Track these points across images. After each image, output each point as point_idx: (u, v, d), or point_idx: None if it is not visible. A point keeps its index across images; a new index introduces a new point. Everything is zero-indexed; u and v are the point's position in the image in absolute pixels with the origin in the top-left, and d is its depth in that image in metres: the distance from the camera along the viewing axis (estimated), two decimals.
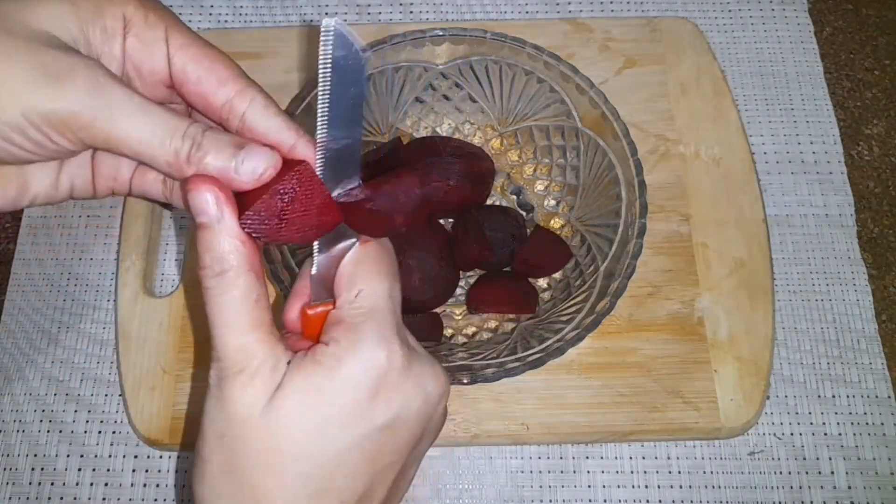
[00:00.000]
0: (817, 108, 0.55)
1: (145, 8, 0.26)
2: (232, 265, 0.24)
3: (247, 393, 0.24)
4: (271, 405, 0.24)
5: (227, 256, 0.24)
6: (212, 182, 0.24)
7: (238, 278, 0.24)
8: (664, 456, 0.46)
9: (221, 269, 0.24)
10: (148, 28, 0.26)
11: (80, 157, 0.28)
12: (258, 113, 0.26)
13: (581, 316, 0.40)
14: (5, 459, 0.46)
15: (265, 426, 0.24)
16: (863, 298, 0.49)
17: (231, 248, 0.24)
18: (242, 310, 0.25)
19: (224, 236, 0.24)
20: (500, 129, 0.50)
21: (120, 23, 0.26)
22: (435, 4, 0.59)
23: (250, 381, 0.24)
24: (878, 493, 0.45)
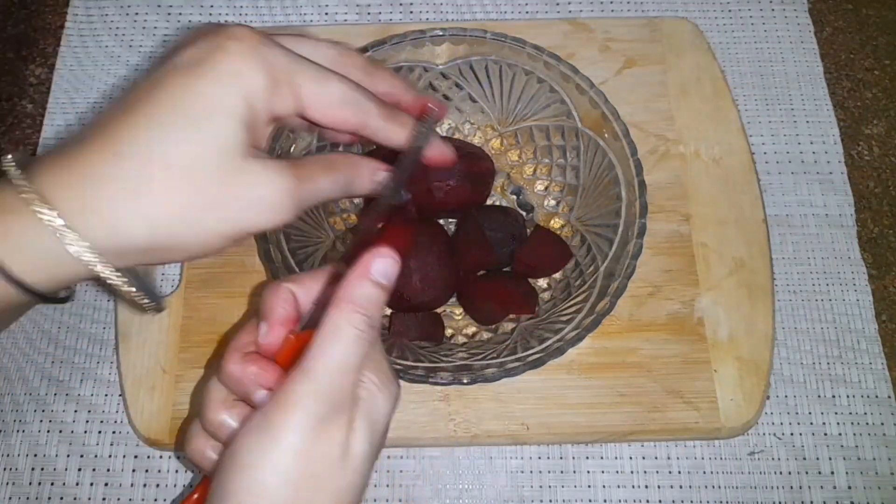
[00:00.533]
0: (817, 108, 0.55)
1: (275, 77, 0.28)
2: (378, 323, 0.28)
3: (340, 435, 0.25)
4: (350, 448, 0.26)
5: (380, 313, 0.28)
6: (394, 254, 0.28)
7: (375, 334, 0.27)
8: (664, 456, 0.46)
9: (373, 321, 0.27)
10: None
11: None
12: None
13: (581, 316, 0.40)
14: (5, 459, 0.46)
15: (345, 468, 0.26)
16: (863, 298, 0.49)
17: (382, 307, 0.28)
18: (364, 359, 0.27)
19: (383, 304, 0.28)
20: (500, 129, 0.50)
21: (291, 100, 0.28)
22: (435, 4, 0.59)
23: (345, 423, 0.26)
24: (878, 493, 0.45)
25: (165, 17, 0.59)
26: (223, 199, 0.25)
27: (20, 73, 0.58)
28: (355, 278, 0.27)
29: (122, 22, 0.59)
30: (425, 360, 0.41)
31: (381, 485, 0.45)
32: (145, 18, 0.59)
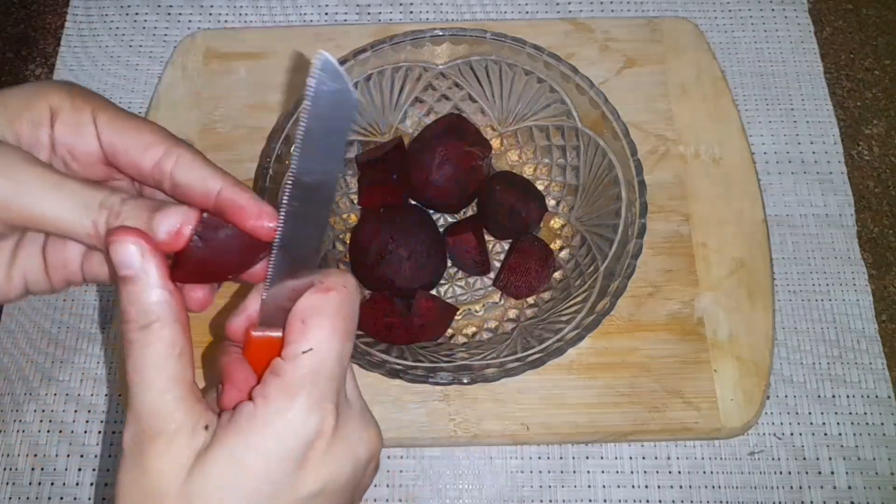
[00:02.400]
0: (817, 108, 0.55)
1: (71, 95, 0.27)
2: (159, 316, 0.24)
3: (164, 460, 0.23)
4: (190, 476, 0.23)
5: (153, 308, 0.24)
6: (136, 233, 0.24)
7: (163, 329, 0.24)
8: (664, 456, 0.46)
9: (148, 322, 0.24)
10: (75, 112, 0.27)
11: (31, 248, 0.29)
12: (184, 168, 0.27)
13: (581, 316, 0.40)
14: (5, 459, 0.46)
15: (183, 499, 0.23)
16: (863, 298, 0.49)
17: (158, 298, 0.24)
18: (165, 364, 0.24)
19: (151, 287, 0.24)
20: (500, 129, 0.50)
21: (46, 112, 0.27)
22: (435, 4, 0.59)
23: (167, 447, 0.23)
24: (878, 493, 0.45)
25: (165, 17, 0.59)
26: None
27: (20, 73, 0.58)
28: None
29: (122, 22, 0.59)
30: (425, 360, 0.41)
31: (381, 485, 0.45)
32: (145, 18, 0.59)
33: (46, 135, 0.27)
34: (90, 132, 0.27)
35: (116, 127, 0.27)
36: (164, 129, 0.28)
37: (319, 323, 0.25)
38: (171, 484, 0.23)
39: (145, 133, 0.27)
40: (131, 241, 0.24)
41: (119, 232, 0.24)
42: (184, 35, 0.57)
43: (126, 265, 0.24)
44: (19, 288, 0.28)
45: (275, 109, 0.52)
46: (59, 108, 0.27)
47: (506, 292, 0.46)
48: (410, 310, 0.43)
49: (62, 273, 0.29)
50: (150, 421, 0.23)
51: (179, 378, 0.24)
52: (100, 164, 0.28)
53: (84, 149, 0.27)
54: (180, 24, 0.59)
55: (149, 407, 0.23)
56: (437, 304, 0.43)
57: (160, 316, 0.24)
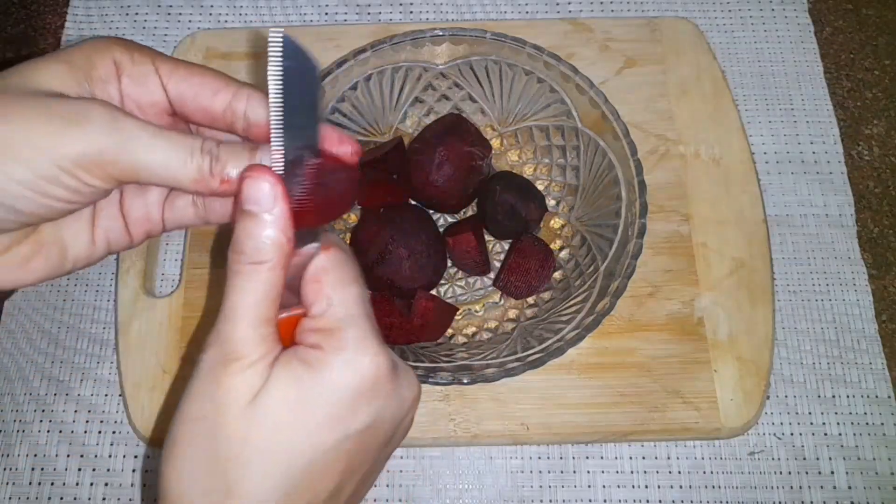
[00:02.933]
0: (817, 108, 0.55)
1: (129, 49, 0.28)
2: (271, 258, 0.25)
3: (239, 381, 0.25)
4: (258, 398, 0.25)
5: (268, 248, 0.25)
6: (273, 175, 0.25)
7: (271, 272, 0.25)
8: (664, 456, 0.46)
9: (259, 260, 0.25)
10: (136, 65, 0.28)
11: (109, 210, 0.29)
12: (256, 108, 0.28)
13: (581, 316, 0.40)
14: (5, 459, 0.46)
15: (248, 417, 0.24)
16: (863, 298, 0.49)
17: (276, 242, 0.25)
18: (263, 303, 0.25)
19: (273, 229, 0.25)
20: (500, 129, 0.50)
21: (112, 68, 0.27)
22: (435, 4, 0.59)
23: (245, 370, 0.25)
24: (878, 493, 0.45)
25: (165, 17, 0.59)
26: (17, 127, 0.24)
27: None
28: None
29: (122, 22, 0.59)
30: (425, 360, 0.41)
31: (381, 485, 0.45)
32: (145, 18, 0.59)
33: (116, 90, 0.28)
34: (155, 83, 0.28)
35: (182, 75, 0.28)
36: (224, 73, 0.29)
37: (332, 277, 0.27)
38: (240, 400, 0.24)
39: (210, 78, 0.28)
40: (268, 181, 0.25)
41: (258, 169, 0.25)
42: (184, 35, 0.57)
43: (255, 201, 0.25)
44: (103, 249, 0.30)
45: None
46: (121, 62, 0.28)
47: (506, 292, 0.46)
48: (410, 310, 0.43)
49: (144, 227, 0.30)
50: (236, 346, 0.25)
51: (270, 318, 0.25)
52: (165, 115, 0.29)
53: (151, 99, 0.28)
54: (180, 24, 0.59)
55: (239, 335, 0.25)
56: (437, 304, 0.43)
57: (272, 258, 0.25)
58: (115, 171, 0.25)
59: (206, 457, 0.25)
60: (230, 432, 0.24)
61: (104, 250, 0.30)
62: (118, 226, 0.30)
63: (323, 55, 0.54)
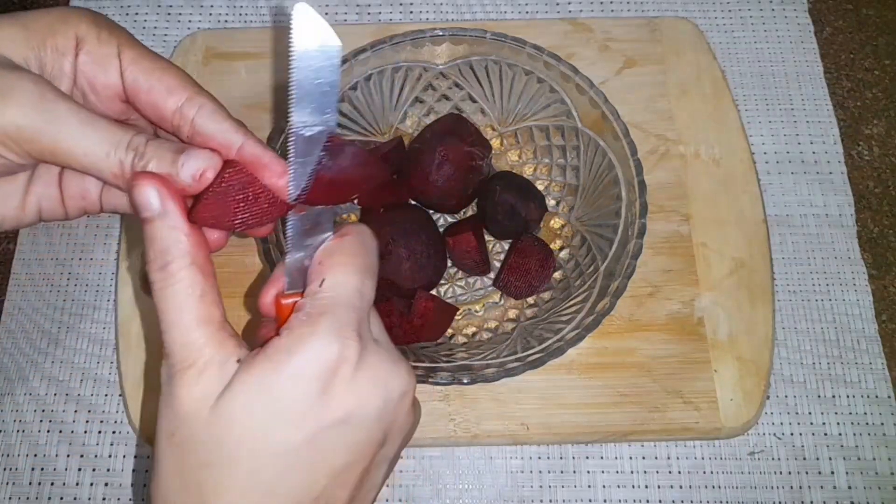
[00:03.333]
0: (817, 108, 0.55)
1: (98, 26, 0.27)
2: (175, 257, 0.25)
3: (194, 389, 0.24)
4: (219, 402, 0.24)
5: (169, 249, 0.25)
6: (154, 178, 0.25)
7: (180, 271, 0.25)
8: (664, 456, 0.46)
9: (164, 262, 0.25)
10: (100, 45, 0.27)
11: (47, 178, 0.29)
12: (206, 118, 0.27)
13: (581, 316, 0.40)
14: (5, 459, 0.46)
15: (212, 423, 0.24)
16: (863, 298, 0.49)
17: (173, 240, 0.25)
18: (186, 304, 0.24)
19: (167, 229, 0.25)
20: (500, 129, 0.50)
21: (72, 41, 0.27)
22: (435, 4, 0.59)
23: (198, 377, 0.24)
24: (878, 493, 0.45)
25: (165, 17, 0.59)
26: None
27: None
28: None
29: (122, 22, 0.59)
30: (425, 360, 0.41)
31: None
32: (145, 19, 0.59)
33: (70, 64, 0.27)
34: (114, 67, 0.27)
35: (142, 66, 0.27)
36: (187, 75, 0.28)
37: (335, 261, 0.26)
38: (201, 409, 0.24)
39: (169, 76, 0.27)
40: (152, 186, 0.24)
41: (141, 177, 0.25)
42: (184, 35, 0.57)
43: (146, 207, 0.25)
44: (33, 215, 0.29)
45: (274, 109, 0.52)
46: (85, 37, 0.27)
47: (506, 292, 0.46)
48: (410, 310, 0.43)
49: (79, 203, 0.30)
50: (181, 355, 0.24)
51: (204, 317, 0.25)
52: (118, 101, 0.28)
53: (105, 82, 0.28)
54: (180, 24, 0.59)
55: (178, 343, 0.24)
56: (437, 304, 0.43)
57: (176, 257, 0.25)
58: (32, 150, 0.25)
59: (178, 471, 0.24)
60: (196, 443, 0.24)
61: (34, 217, 0.29)
62: (53, 195, 0.29)
63: None
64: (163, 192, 0.25)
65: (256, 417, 0.24)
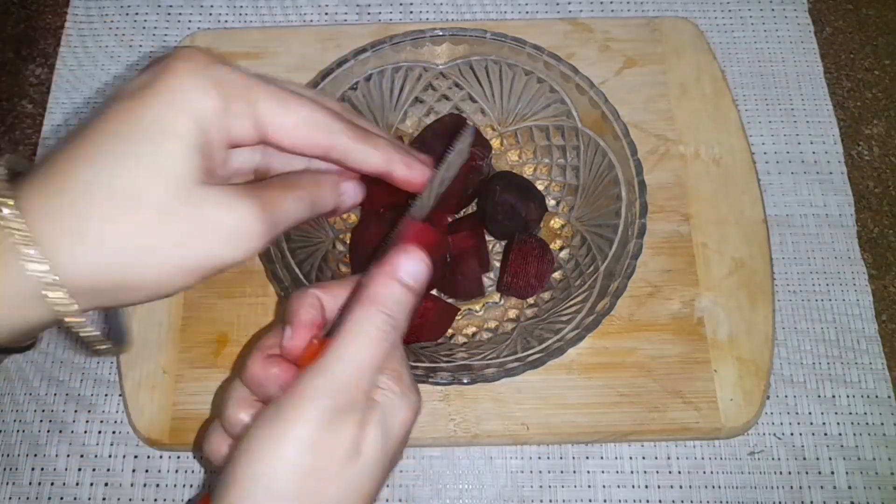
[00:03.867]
0: (817, 108, 0.55)
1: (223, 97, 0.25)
2: (403, 326, 0.28)
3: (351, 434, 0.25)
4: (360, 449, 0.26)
5: (404, 318, 0.28)
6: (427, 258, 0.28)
7: (398, 338, 0.28)
8: (664, 456, 0.46)
9: (396, 324, 0.27)
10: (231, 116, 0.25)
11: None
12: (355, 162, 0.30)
13: (581, 316, 0.40)
14: (5, 459, 0.46)
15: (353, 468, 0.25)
16: (863, 298, 0.49)
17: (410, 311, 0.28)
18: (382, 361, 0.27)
19: (413, 303, 0.28)
20: (500, 129, 0.50)
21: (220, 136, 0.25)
22: (435, 4, 0.59)
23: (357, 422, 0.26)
24: (878, 493, 0.45)
25: (165, 17, 0.59)
26: (180, 232, 0.23)
27: (20, 73, 0.58)
28: (382, 277, 0.27)
29: (122, 22, 0.59)
30: (425, 360, 0.41)
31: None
32: (145, 18, 0.59)
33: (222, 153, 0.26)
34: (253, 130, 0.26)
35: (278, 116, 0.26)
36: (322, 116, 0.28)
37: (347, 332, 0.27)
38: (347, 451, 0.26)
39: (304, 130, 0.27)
40: (428, 265, 0.28)
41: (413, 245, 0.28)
42: (184, 35, 0.57)
43: (416, 278, 0.28)
44: None
45: None
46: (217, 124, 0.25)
47: (506, 293, 0.46)
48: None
49: None
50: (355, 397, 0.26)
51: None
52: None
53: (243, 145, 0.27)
54: (180, 24, 0.59)
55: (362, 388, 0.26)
56: (437, 304, 0.43)
57: (403, 327, 0.28)
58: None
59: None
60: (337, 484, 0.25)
61: None
62: None
63: (323, 55, 0.54)
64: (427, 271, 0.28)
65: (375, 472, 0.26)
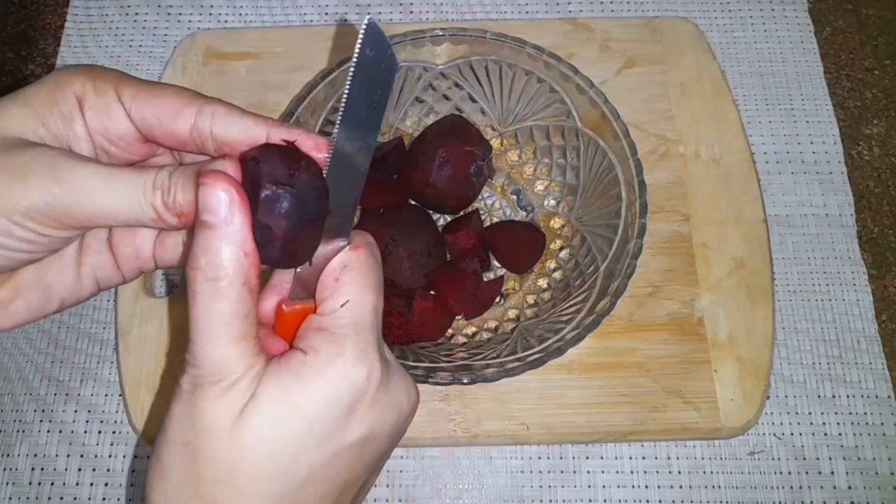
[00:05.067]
0: (817, 108, 0.55)
1: (91, 77, 0.26)
2: (228, 274, 0.23)
3: (220, 403, 0.23)
4: (242, 417, 0.23)
5: (225, 264, 0.23)
6: (230, 180, 0.23)
7: (230, 289, 0.23)
8: (664, 456, 0.46)
9: (216, 276, 0.23)
10: (98, 95, 0.26)
11: (96, 245, 0.28)
12: (222, 124, 0.26)
13: (581, 316, 0.40)
14: (5, 459, 0.46)
15: (234, 439, 0.23)
16: (863, 298, 0.49)
17: (232, 256, 0.23)
18: (232, 323, 0.23)
19: (228, 242, 0.23)
20: (500, 129, 0.50)
21: (74, 103, 0.26)
22: (435, 4, 0.59)
23: (225, 392, 0.23)
24: (878, 493, 0.45)
25: (165, 17, 0.59)
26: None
27: (20, 73, 0.58)
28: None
29: (122, 22, 0.59)
30: (425, 360, 0.41)
31: (381, 485, 0.45)
32: (145, 18, 0.59)
33: (81, 126, 0.26)
34: (119, 111, 0.26)
35: (143, 98, 0.26)
36: (189, 90, 0.27)
37: (353, 278, 0.26)
38: (224, 423, 0.23)
39: (170, 97, 0.26)
40: (222, 187, 0.23)
41: (213, 175, 0.23)
42: (184, 35, 0.57)
43: (210, 211, 0.23)
44: (91, 287, 0.28)
45: (274, 109, 0.52)
46: (83, 94, 0.26)
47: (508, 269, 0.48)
48: (410, 310, 0.43)
49: (134, 263, 0.29)
50: (211, 369, 0.23)
51: (242, 335, 0.24)
52: (139, 143, 0.27)
53: (118, 130, 0.26)
54: (180, 24, 0.59)
55: (211, 358, 0.23)
56: (437, 304, 0.43)
57: (230, 275, 0.23)
58: (70, 221, 0.24)
59: (192, 482, 0.24)
60: (216, 456, 0.23)
61: (92, 288, 0.28)
62: (107, 262, 0.28)
63: (323, 55, 0.54)
64: (234, 200, 0.23)
65: (279, 437, 0.24)
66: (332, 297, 0.26)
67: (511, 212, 0.50)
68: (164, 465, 0.24)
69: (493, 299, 0.46)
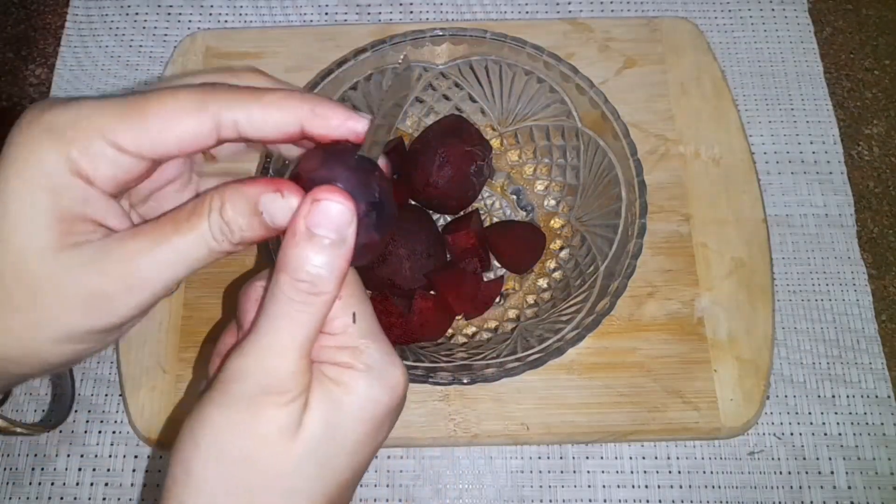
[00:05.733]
0: (817, 108, 0.55)
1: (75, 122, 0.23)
2: (330, 290, 0.23)
3: (283, 414, 0.24)
4: (301, 429, 0.24)
5: (331, 280, 0.23)
6: (346, 197, 0.23)
7: (326, 306, 0.24)
8: (664, 456, 0.46)
9: (318, 291, 0.23)
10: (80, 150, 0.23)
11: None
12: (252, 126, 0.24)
13: (581, 316, 0.40)
14: (5, 459, 0.46)
15: (293, 451, 0.24)
16: (863, 298, 0.49)
17: (341, 273, 0.23)
18: (311, 337, 0.24)
19: (342, 260, 0.23)
20: (500, 129, 0.50)
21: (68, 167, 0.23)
22: (435, 4, 0.59)
23: (288, 404, 0.24)
24: (878, 493, 0.45)
25: (165, 17, 0.59)
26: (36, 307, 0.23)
27: (20, 73, 0.58)
28: (288, 236, 0.23)
29: (122, 22, 0.59)
30: (425, 360, 0.41)
31: (381, 485, 0.45)
32: (145, 18, 0.59)
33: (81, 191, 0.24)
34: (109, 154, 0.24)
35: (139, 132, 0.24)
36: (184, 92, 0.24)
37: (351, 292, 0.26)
38: (283, 435, 0.24)
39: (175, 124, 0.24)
40: (343, 204, 0.23)
41: (330, 191, 0.22)
42: (184, 35, 0.57)
43: (334, 229, 0.23)
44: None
45: None
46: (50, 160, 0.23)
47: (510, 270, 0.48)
48: (410, 310, 0.43)
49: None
50: (282, 381, 0.24)
51: (309, 349, 0.24)
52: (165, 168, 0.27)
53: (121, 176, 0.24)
54: (180, 24, 0.59)
55: (284, 370, 0.23)
56: (437, 304, 0.43)
57: (331, 290, 0.23)
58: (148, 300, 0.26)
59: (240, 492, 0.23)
60: (274, 467, 0.24)
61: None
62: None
63: (323, 55, 0.54)
64: (353, 222, 0.23)
65: (332, 444, 0.24)
66: (341, 316, 0.26)
67: (511, 212, 0.50)
68: (197, 477, 0.23)
69: (493, 299, 0.46)
